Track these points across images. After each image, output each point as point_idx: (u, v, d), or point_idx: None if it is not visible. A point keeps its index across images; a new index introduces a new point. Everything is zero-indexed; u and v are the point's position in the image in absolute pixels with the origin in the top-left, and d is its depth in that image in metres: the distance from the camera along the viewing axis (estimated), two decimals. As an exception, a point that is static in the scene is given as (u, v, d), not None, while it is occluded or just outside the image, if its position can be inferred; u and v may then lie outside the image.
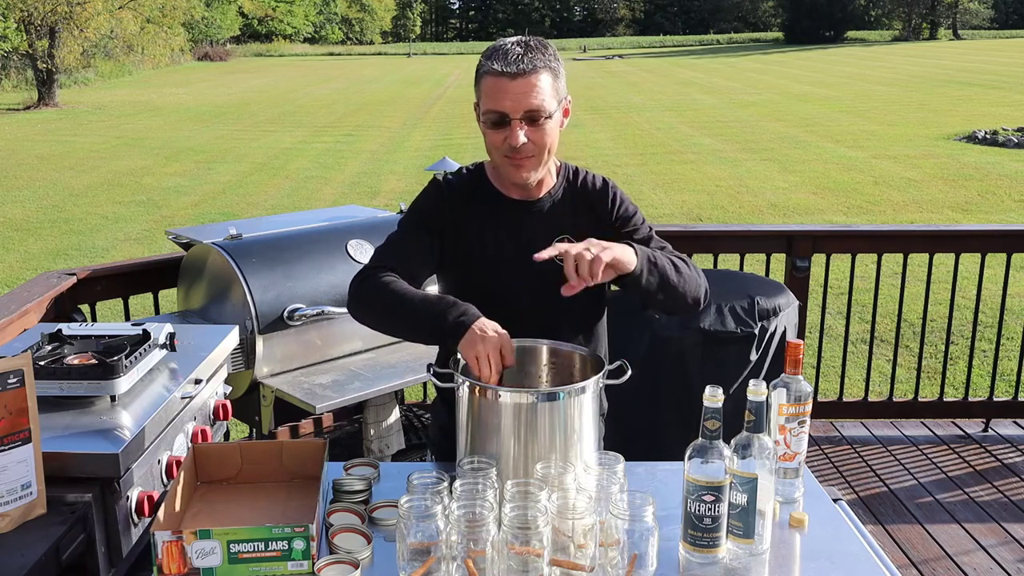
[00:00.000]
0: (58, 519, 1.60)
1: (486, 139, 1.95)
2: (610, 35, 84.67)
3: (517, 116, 1.87)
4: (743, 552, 1.59)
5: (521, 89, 1.85)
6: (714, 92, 27.16)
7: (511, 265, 1.99)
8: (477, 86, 1.94)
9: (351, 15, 79.14)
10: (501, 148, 1.91)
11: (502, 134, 1.90)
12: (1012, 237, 4.26)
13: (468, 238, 2.02)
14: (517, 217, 2.02)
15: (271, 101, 27.02)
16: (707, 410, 1.54)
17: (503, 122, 1.88)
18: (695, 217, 10.52)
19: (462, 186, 2.07)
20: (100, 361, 1.89)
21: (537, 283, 1.97)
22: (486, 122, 1.91)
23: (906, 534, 3.36)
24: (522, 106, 1.86)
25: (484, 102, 1.91)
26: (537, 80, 1.86)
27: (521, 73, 1.85)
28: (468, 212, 2.02)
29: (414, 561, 1.47)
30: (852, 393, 4.82)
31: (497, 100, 1.87)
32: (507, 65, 1.84)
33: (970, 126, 17.13)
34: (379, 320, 1.97)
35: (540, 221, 2.02)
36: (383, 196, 11.91)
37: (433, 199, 2.06)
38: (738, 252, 4.22)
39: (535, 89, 1.86)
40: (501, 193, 2.03)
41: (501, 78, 1.85)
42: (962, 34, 63.29)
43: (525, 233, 2.00)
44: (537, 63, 1.86)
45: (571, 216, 2.04)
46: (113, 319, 4.65)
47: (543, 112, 1.88)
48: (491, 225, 2.02)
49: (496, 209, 2.02)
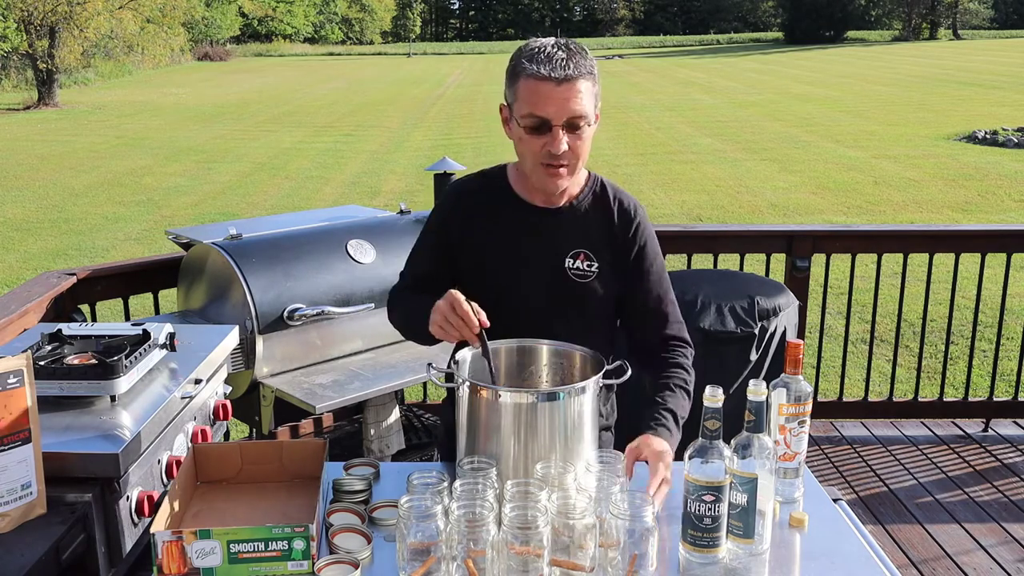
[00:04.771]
0: (58, 519, 1.60)
1: (521, 144, 1.89)
2: (610, 35, 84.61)
3: (560, 123, 1.81)
4: (743, 552, 1.59)
5: (565, 95, 1.80)
6: (714, 92, 27.15)
7: (525, 270, 1.98)
8: (512, 87, 1.86)
9: (351, 15, 79.12)
10: (539, 154, 1.86)
11: (541, 140, 1.84)
12: (1012, 237, 4.26)
13: (484, 244, 2.00)
14: (535, 223, 1.99)
15: (271, 101, 27.02)
16: (707, 410, 1.54)
17: (544, 128, 1.82)
18: (695, 217, 10.51)
19: (481, 191, 2.04)
20: (100, 361, 1.89)
21: (551, 288, 1.97)
22: (526, 127, 1.84)
23: (906, 534, 3.36)
24: (565, 112, 1.81)
25: (523, 106, 1.83)
26: (580, 86, 1.81)
27: (566, 79, 1.79)
28: (485, 217, 2.01)
29: (414, 561, 1.47)
30: (852, 393, 4.82)
31: (540, 105, 1.81)
32: (552, 69, 1.78)
33: (970, 126, 17.12)
34: (408, 335, 2.06)
35: (556, 229, 1.98)
36: (383, 196, 11.91)
37: (447, 208, 2.06)
38: (738, 252, 4.22)
39: (579, 95, 1.81)
40: (522, 199, 2.00)
41: (545, 82, 1.79)
42: (962, 34, 63.26)
43: (538, 240, 1.98)
44: (581, 68, 1.81)
45: (588, 230, 1.99)
46: (113, 319, 4.65)
47: (585, 119, 1.83)
48: (506, 229, 2.00)
49: (516, 215, 1.99)
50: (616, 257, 2.00)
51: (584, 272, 1.98)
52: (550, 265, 1.97)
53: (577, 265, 1.97)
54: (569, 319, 1.97)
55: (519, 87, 1.84)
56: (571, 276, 1.97)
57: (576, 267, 1.97)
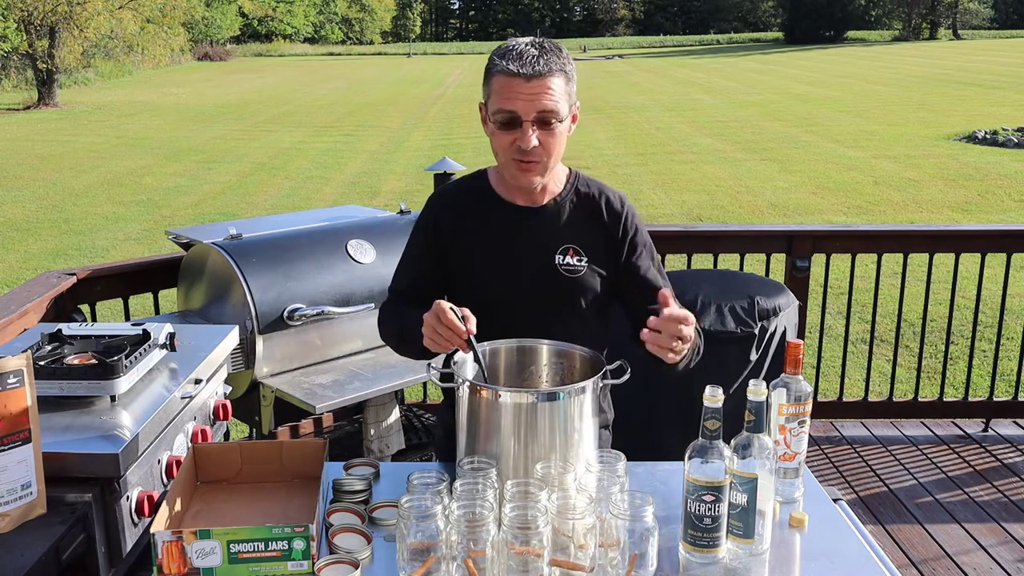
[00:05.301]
0: (58, 519, 1.60)
1: (493, 140, 1.91)
2: (610, 35, 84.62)
3: (529, 118, 1.83)
4: (743, 552, 1.59)
5: (535, 90, 1.81)
6: (714, 92, 27.15)
7: (515, 270, 1.99)
8: (486, 85, 1.89)
9: (351, 15, 79.13)
10: (509, 150, 1.88)
11: (512, 135, 1.86)
12: (1012, 237, 4.26)
13: (469, 246, 2.01)
14: (519, 223, 2.00)
15: (271, 101, 27.02)
16: (707, 410, 1.54)
17: (514, 123, 1.84)
18: (695, 217, 10.51)
19: (462, 194, 2.06)
20: (100, 361, 1.89)
21: (543, 286, 1.98)
22: (496, 122, 1.87)
23: (906, 534, 3.36)
24: (535, 108, 1.82)
25: (495, 101, 1.86)
26: (551, 82, 1.83)
27: (536, 75, 1.81)
28: (470, 221, 2.01)
29: (414, 561, 1.47)
30: (852, 393, 4.82)
31: (509, 100, 1.83)
32: (522, 66, 1.80)
33: (970, 126, 17.13)
34: (402, 352, 2.07)
35: (541, 227, 2.00)
36: (383, 196, 11.91)
37: (428, 216, 2.07)
38: (738, 252, 4.22)
39: (549, 91, 1.82)
40: (503, 199, 2.01)
41: (515, 78, 1.81)
42: (962, 34, 63.27)
43: (526, 239, 1.99)
44: (552, 65, 1.83)
45: (574, 226, 2.01)
46: (113, 319, 4.65)
47: (556, 115, 1.84)
48: (493, 231, 2.00)
49: (499, 215, 2.00)
50: (607, 249, 2.01)
51: (575, 267, 1.99)
52: (540, 263, 1.98)
53: (568, 261, 1.99)
54: (563, 315, 1.98)
55: (492, 83, 1.87)
56: (562, 272, 1.98)
57: (567, 263, 1.98)
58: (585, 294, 2.00)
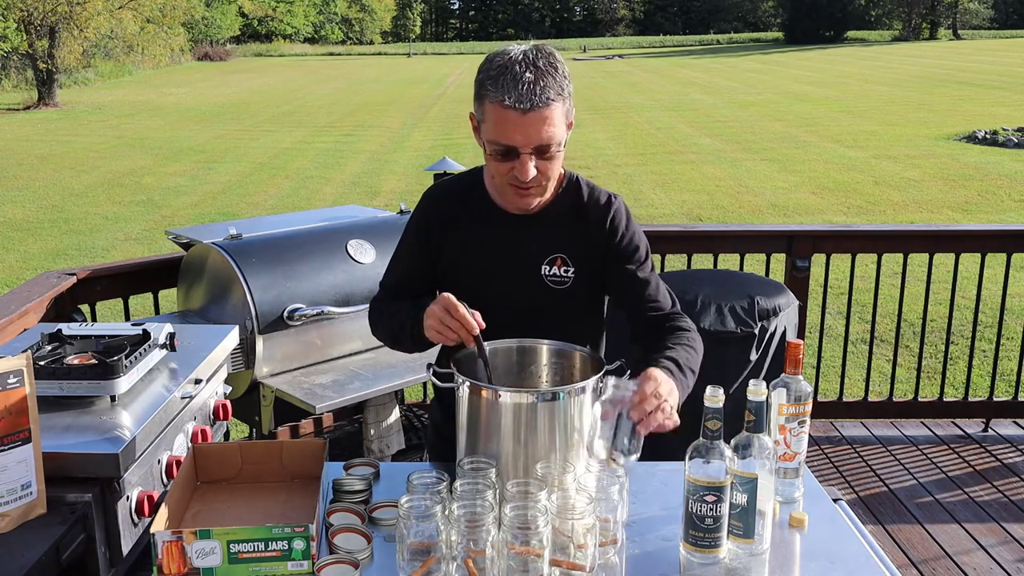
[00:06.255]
0: (58, 519, 1.60)
1: (489, 163, 1.85)
2: (610, 35, 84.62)
3: (528, 151, 1.76)
4: (743, 552, 1.59)
5: (533, 123, 1.73)
6: (714, 92, 27.15)
7: (500, 277, 1.97)
8: (479, 107, 1.80)
9: (351, 15, 79.13)
10: (507, 176, 1.82)
11: (509, 165, 1.79)
12: (1012, 237, 4.26)
13: (460, 248, 1.99)
14: (510, 231, 1.96)
15: (271, 101, 27.02)
16: (707, 410, 1.54)
17: (511, 154, 1.78)
18: (695, 217, 10.51)
19: (457, 197, 2.02)
20: (100, 361, 1.89)
21: (528, 296, 1.96)
22: (492, 152, 1.80)
23: (906, 534, 3.36)
24: (533, 141, 1.75)
25: (490, 131, 1.78)
26: (549, 113, 1.74)
27: (533, 108, 1.72)
28: (461, 224, 1.99)
29: (414, 561, 1.47)
30: (852, 393, 4.82)
31: (506, 134, 1.76)
32: (520, 100, 1.71)
33: (970, 126, 17.13)
34: (395, 345, 2.04)
35: (530, 237, 1.96)
36: (383, 196, 11.91)
37: (421, 213, 2.05)
38: (738, 252, 4.22)
39: (547, 122, 1.74)
40: (495, 203, 1.97)
41: (511, 112, 1.72)
42: (962, 34, 63.26)
43: (513, 248, 1.96)
44: (550, 94, 1.73)
45: (564, 234, 1.96)
46: (113, 319, 4.66)
47: (555, 143, 1.78)
48: (480, 238, 1.98)
49: (488, 221, 1.97)
50: (594, 253, 1.96)
51: (561, 278, 1.95)
52: (526, 273, 1.95)
53: (554, 272, 1.95)
54: (551, 324, 1.93)
55: (485, 110, 1.78)
56: (548, 283, 1.95)
57: (553, 273, 1.95)
58: (571, 304, 1.97)
